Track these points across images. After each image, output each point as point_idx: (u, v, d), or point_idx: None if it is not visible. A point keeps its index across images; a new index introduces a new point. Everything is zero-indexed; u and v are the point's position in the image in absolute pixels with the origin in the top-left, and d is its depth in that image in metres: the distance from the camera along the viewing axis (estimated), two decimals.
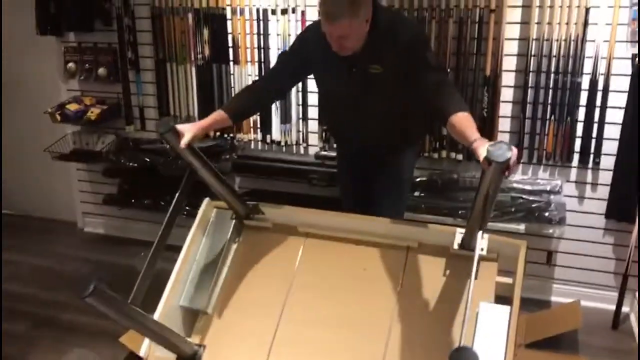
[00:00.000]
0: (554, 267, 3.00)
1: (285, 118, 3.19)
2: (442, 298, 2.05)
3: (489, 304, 1.99)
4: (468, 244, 1.97)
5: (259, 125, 3.28)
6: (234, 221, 2.31)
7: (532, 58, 2.73)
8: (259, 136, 3.29)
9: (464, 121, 1.82)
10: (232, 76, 3.26)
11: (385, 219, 2.21)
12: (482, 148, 1.58)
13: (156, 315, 2.13)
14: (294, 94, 3.14)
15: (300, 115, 3.19)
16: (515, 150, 1.53)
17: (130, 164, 3.48)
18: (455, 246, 2.02)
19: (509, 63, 2.80)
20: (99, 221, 3.95)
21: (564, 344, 2.61)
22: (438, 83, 2.00)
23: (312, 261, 2.25)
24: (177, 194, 2.11)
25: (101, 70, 3.51)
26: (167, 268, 2.21)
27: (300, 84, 3.09)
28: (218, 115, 2.14)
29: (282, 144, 3.24)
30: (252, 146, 3.35)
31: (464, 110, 1.86)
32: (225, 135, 3.32)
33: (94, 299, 1.57)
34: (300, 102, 3.16)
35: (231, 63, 3.24)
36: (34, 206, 4.18)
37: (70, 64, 3.58)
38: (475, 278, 1.92)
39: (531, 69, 2.75)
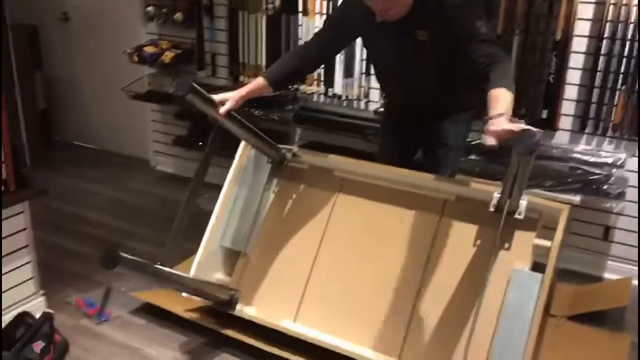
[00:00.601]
0: (610, 243, 2.90)
1: (349, 72, 3.21)
2: (475, 258, 2.06)
3: (522, 270, 1.99)
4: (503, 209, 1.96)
5: (322, 78, 3.31)
6: (270, 164, 2.38)
7: (608, 23, 2.59)
8: (322, 89, 3.33)
9: (497, 95, 1.74)
10: (300, 27, 3.29)
11: (423, 173, 2.22)
12: (492, 127, 1.55)
13: (198, 255, 2.27)
14: (359, 48, 3.13)
15: (364, 70, 3.19)
16: (537, 136, 1.47)
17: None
18: (492, 208, 2.01)
19: (582, 28, 2.67)
20: (169, 160, 4.16)
21: (608, 321, 2.55)
22: (485, 56, 1.88)
23: (347, 210, 2.29)
24: (206, 148, 2.15)
25: (177, 15, 3.62)
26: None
27: None
28: (258, 83, 2.16)
29: (344, 98, 3.27)
30: (315, 99, 3.40)
31: (505, 87, 1.76)
32: (290, 86, 3.36)
33: (121, 267, 1.71)
34: (364, 57, 3.15)
35: (300, 14, 3.27)
36: (113, 142, 4.47)
37: (150, 8, 3.71)
38: (503, 248, 1.93)
39: (605, 35, 2.61)
